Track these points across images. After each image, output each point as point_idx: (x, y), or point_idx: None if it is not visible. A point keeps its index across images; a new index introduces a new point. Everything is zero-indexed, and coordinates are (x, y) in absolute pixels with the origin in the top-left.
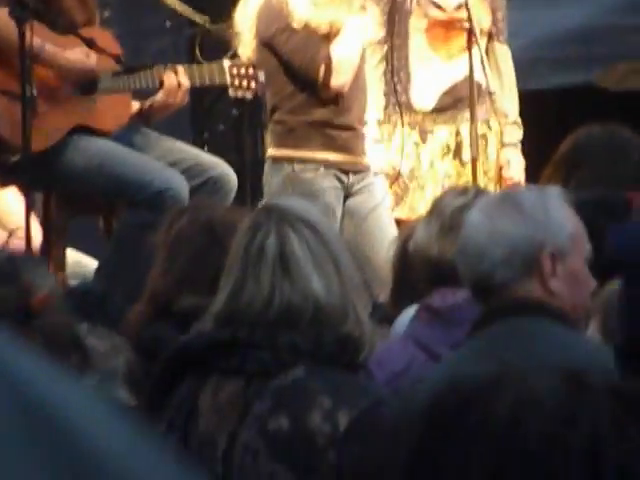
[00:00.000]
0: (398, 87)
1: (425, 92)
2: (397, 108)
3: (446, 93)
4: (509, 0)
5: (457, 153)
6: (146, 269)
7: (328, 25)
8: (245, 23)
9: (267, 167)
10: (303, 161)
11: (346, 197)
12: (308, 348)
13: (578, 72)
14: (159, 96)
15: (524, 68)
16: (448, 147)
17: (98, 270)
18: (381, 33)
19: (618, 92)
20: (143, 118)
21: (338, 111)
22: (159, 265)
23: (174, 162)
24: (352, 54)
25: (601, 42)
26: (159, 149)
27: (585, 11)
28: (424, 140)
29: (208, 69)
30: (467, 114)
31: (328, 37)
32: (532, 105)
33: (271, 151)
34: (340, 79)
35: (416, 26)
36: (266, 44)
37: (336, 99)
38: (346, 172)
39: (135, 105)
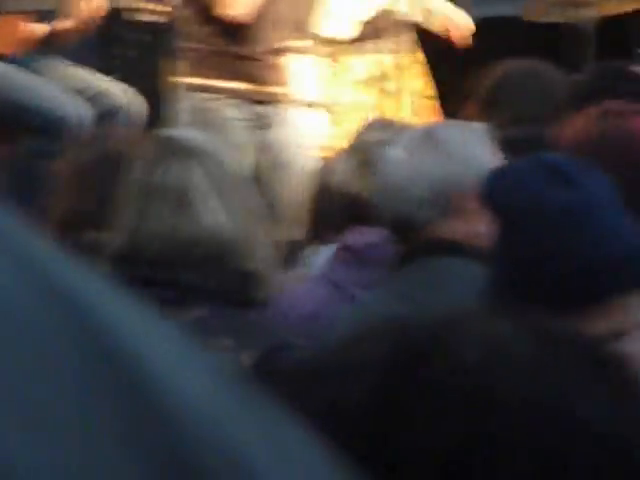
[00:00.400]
0: (313, 17)
1: (343, 22)
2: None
3: (366, 23)
4: None
5: (381, 84)
6: (44, 201)
7: None
8: None
9: (178, 95)
10: (212, 90)
11: (260, 128)
12: (211, 286)
13: (500, 3)
14: (71, 19)
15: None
16: (371, 78)
17: None
18: None
19: (540, 24)
20: (49, 42)
21: (241, 41)
22: (58, 198)
23: (79, 90)
24: None
25: None
26: (63, 76)
27: None
28: (345, 70)
29: None
30: (390, 44)
31: None
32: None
33: (181, 79)
34: (236, 9)
35: None
36: None
37: (241, 29)
38: (259, 103)
39: (41, 28)
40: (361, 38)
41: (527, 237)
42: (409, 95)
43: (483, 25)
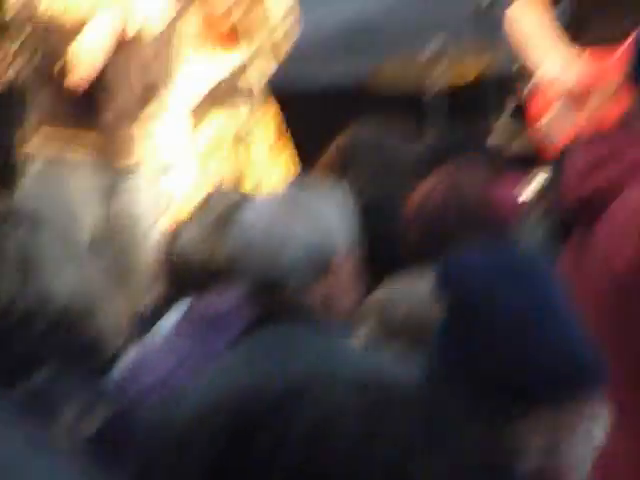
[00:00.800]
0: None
1: (195, 82)
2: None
3: (220, 81)
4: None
5: (233, 139)
6: None
7: (75, 20)
8: None
9: (22, 163)
10: (58, 158)
11: (109, 196)
12: (52, 354)
13: (348, 70)
14: None
15: (293, 68)
16: (222, 134)
17: None
18: None
19: (385, 93)
20: None
21: (89, 110)
22: None
23: None
24: (90, 50)
25: (370, 39)
26: None
27: (353, 5)
28: (196, 128)
29: None
30: (243, 99)
31: (75, 32)
32: (300, 106)
33: (26, 146)
34: (76, 76)
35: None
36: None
37: (85, 97)
38: (106, 170)
39: None
40: (213, 95)
41: (475, 329)
42: (262, 148)
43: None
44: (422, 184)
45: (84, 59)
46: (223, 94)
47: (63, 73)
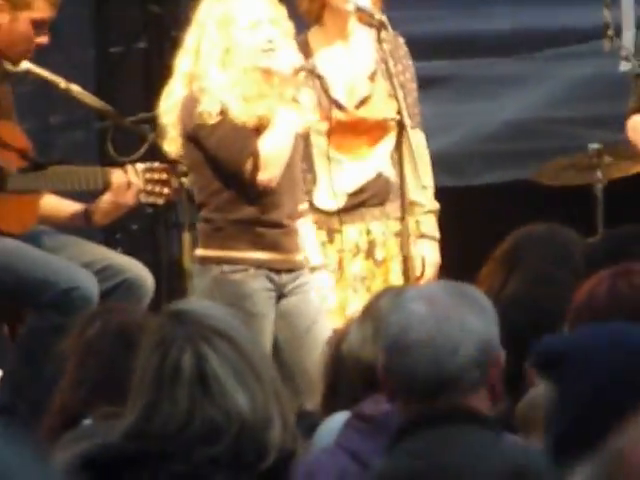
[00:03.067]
0: (305, 187)
1: (329, 194)
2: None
3: (354, 193)
4: (442, 92)
5: (369, 253)
6: (54, 377)
7: (257, 119)
8: (169, 118)
9: (195, 269)
10: (231, 262)
11: (279, 297)
12: (228, 461)
13: (513, 167)
14: (107, 197)
15: (458, 164)
16: (358, 247)
17: (2, 381)
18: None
19: (553, 187)
20: (88, 220)
21: (266, 208)
22: (69, 374)
23: (86, 264)
24: (280, 149)
25: (535, 135)
26: (70, 250)
27: (519, 104)
28: (331, 240)
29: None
30: (377, 211)
31: (257, 131)
32: (465, 201)
33: (198, 251)
34: (267, 175)
35: (317, 129)
36: (191, 138)
37: (264, 195)
38: (278, 271)
39: (76, 206)
40: (348, 208)
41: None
42: (397, 262)
43: (495, 189)
44: (592, 278)
45: (273, 159)
46: (370, 196)
47: (250, 173)
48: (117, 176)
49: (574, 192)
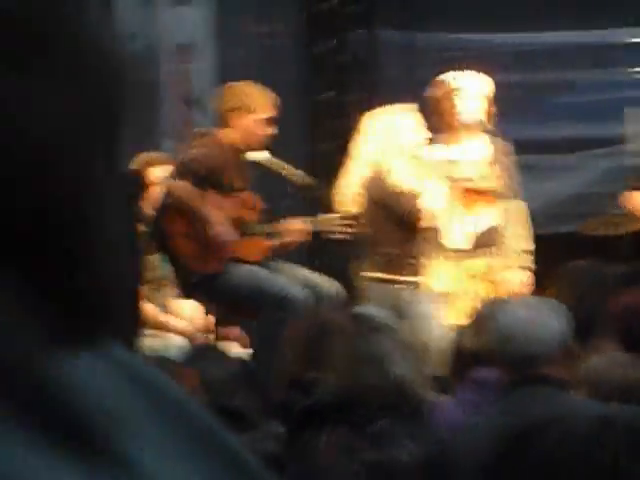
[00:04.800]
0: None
1: (456, 236)
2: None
3: (473, 239)
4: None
5: (484, 276)
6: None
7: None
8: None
9: (368, 285)
10: (398, 282)
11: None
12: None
13: (566, 224)
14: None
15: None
16: (477, 273)
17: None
18: None
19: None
20: (276, 251)
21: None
22: (293, 354)
23: (299, 281)
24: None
25: (587, 203)
26: (286, 273)
27: (578, 180)
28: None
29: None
30: (488, 250)
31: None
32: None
33: (369, 274)
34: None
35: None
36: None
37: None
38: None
39: (268, 243)
40: (470, 250)
41: None
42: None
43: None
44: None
45: (429, 215)
46: (481, 243)
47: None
48: (293, 224)
49: (613, 240)
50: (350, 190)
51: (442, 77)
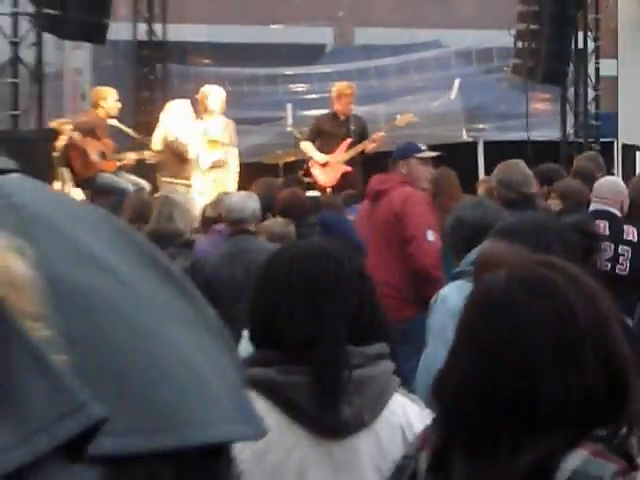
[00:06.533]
0: None
1: (205, 161)
2: None
3: (210, 163)
4: None
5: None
6: None
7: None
8: (157, 141)
9: None
10: None
11: None
12: None
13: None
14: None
15: None
16: (216, 180)
17: None
18: None
19: None
20: (121, 167)
21: None
22: None
23: (130, 181)
24: None
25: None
26: (125, 177)
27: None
28: None
29: None
30: (221, 169)
31: None
32: None
33: None
34: None
35: None
36: None
37: None
38: None
39: (117, 163)
40: (211, 167)
41: None
42: None
43: None
44: None
45: (192, 152)
46: None
47: None
48: None
49: None
50: (157, 141)
51: (202, 89)
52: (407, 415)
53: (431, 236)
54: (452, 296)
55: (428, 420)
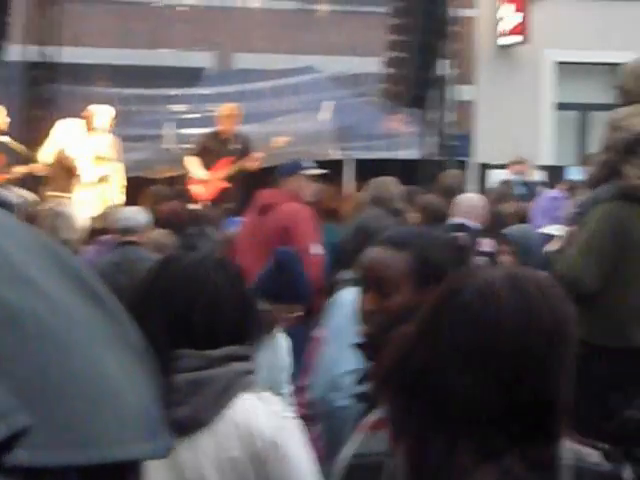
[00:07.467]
0: None
1: (88, 175)
2: None
3: (97, 176)
4: None
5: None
6: None
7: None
8: (45, 157)
9: None
10: None
11: None
12: None
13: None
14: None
15: None
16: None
17: None
18: None
19: None
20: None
21: None
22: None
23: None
24: None
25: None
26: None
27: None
28: None
29: None
30: (107, 183)
31: None
32: None
33: None
34: None
35: None
36: None
37: None
38: None
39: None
40: (99, 181)
41: None
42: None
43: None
44: None
45: (80, 166)
46: None
47: None
48: None
49: None
50: (47, 155)
51: (89, 107)
52: (253, 414)
53: (315, 249)
54: (347, 300)
55: (278, 419)
